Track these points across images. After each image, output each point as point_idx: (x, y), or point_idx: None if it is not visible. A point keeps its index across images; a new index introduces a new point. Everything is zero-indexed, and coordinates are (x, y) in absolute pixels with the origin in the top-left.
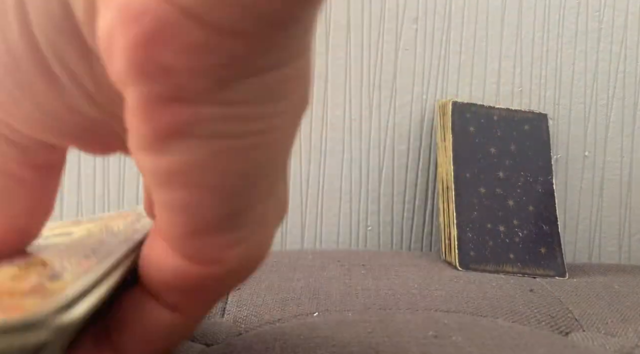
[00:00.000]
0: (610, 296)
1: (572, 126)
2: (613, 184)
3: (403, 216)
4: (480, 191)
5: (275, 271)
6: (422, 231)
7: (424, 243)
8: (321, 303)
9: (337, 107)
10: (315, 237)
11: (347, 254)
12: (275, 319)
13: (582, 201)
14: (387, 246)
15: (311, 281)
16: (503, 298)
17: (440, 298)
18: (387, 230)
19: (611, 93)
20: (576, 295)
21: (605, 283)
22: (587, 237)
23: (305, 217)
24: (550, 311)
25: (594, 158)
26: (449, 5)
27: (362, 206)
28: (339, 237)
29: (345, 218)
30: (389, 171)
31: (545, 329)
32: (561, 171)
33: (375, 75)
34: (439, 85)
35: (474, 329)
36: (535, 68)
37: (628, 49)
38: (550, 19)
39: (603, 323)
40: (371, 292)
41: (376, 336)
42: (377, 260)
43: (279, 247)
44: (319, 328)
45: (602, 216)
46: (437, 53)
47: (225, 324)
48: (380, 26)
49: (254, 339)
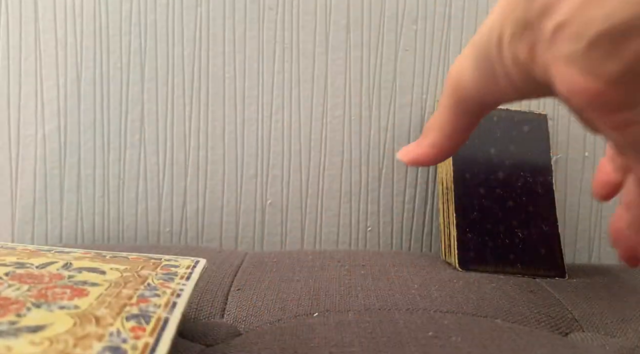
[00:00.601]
0: (610, 297)
1: (572, 126)
2: None
3: (403, 216)
4: (480, 192)
5: (275, 272)
6: (422, 231)
7: (423, 244)
8: (321, 303)
9: (337, 107)
10: (315, 238)
11: (347, 255)
12: (275, 320)
13: (582, 201)
14: (387, 246)
15: (311, 281)
16: (503, 299)
17: (440, 298)
18: (387, 230)
19: None
20: (576, 296)
21: (605, 283)
22: (587, 237)
23: (305, 218)
24: (550, 311)
25: (594, 158)
26: (449, 6)
27: (362, 207)
28: (339, 238)
29: (345, 218)
30: (389, 171)
31: (545, 329)
32: (561, 171)
33: (375, 76)
34: (439, 86)
35: (473, 329)
36: None
37: None
38: None
39: (603, 323)
40: (371, 292)
41: (376, 336)
42: (377, 260)
43: (278, 248)
44: (318, 328)
45: (602, 216)
46: (437, 54)
47: (225, 325)
48: (380, 26)
49: (253, 339)
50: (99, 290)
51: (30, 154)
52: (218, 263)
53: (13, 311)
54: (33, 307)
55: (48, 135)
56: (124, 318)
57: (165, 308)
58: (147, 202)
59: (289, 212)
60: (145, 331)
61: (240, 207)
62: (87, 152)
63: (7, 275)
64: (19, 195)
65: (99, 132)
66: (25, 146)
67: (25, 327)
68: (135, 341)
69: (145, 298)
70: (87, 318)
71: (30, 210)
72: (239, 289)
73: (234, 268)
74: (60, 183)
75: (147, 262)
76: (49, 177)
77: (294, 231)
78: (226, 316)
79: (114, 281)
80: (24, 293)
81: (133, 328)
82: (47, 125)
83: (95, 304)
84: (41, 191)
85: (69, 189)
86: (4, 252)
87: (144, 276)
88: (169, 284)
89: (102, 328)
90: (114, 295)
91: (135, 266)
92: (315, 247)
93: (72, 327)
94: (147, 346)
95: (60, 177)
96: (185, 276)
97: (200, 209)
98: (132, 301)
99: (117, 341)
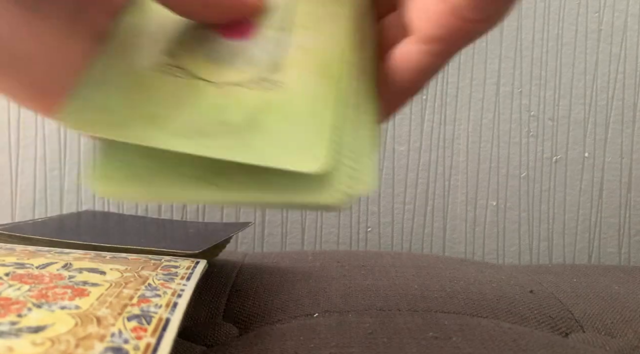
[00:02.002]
0: (610, 297)
1: (572, 127)
2: (613, 185)
3: (403, 216)
4: None
5: (275, 272)
6: (422, 231)
7: (424, 244)
8: (321, 303)
9: None
10: (315, 238)
11: (347, 255)
12: (275, 320)
13: (582, 201)
14: (387, 246)
15: (311, 281)
16: (503, 299)
17: (440, 299)
18: (387, 230)
19: (611, 94)
20: (576, 296)
21: (605, 283)
22: (587, 237)
23: (305, 218)
24: (550, 312)
25: (593, 159)
26: None
27: (362, 207)
28: (339, 238)
29: (345, 219)
30: (388, 171)
31: (545, 330)
32: (561, 171)
33: None
34: (438, 86)
35: (474, 330)
36: (535, 69)
37: (628, 50)
38: (550, 20)
39: (603, 324)
40: (371, 292)
41: (376, 337)
42: (377, 261)
43: (279, 248)
44: (319, 329)
45: (602, 217)
46: None
47: (226, 326)
48: None
49: (254, 340)
50: (100, 290)
51: (30, 155)
52: (218, 264)
53: (14, 312)
54: (34, 307)
55: (48, 135)
56: (125, 318)
57: (167, 308)
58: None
59: (289, 213)
60: (147, 332)
61: (240, 208)
62: (87, 153)
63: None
64: (19, 195)
65: None
66: (25, 147)
67: (26, 327)
68: (136, 341)
69: (146, 298)
70: (88, 318)
71: (30, 210)
72: (239, 290)
73: (234, 268)
74: (60, 183)
75: (147, 262)
76: (49, 177)
77: (294, 231)
78: (226, 317)
79: (114, 282)
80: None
81: (134, 328)
82: (47, 126)
83: (96, 304)
84: (41, 191)
85: (69, 189)
86: (3, 253)
87: (145, 276)
88: (170, 285)
89: (104, 329)
90: (114, 295)
91: (136, 267)
92: (316, 248)
93: (73, 327)
94: (149, 346)
95: (60, 177)
96: (186, 276)
97: (200, 209)
98: (133, 301)
99: (119, 341)
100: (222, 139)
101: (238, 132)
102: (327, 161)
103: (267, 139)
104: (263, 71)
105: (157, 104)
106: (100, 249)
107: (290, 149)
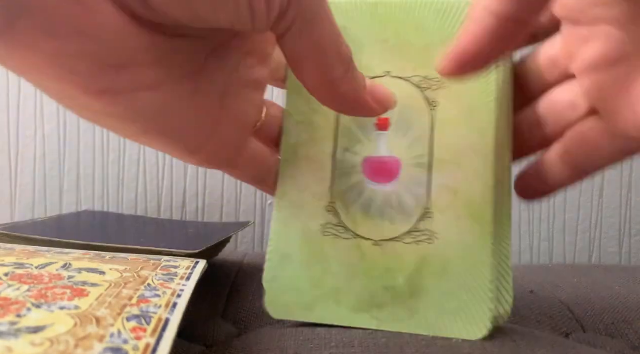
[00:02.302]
0: (611, 297)
1: None
2: (613, 185)
3: None
4: None
5: None
6: None
7: None
8: None
9: None
10: None
11: None
12: (275, 321)
13: (582, 201)
14: None
15: None
16: None
17: None
18: None
19: None
20: (577, 296)
21: (606, 283)
22: (587, 237)
23: None
24: (551, 312)
25: None
26: None
27: None
28: None
29: None
30: None
31: (545, 330)
32: None
33: None
34: None
35: None
36: None
37: None
38: None
39: (604, 324)
40: None
41: (376, 337)
42: None
43: None
44: (319, 329)
45: (602, 217)
46: None
47: (225, 326)
48: None
49: (254, 340)
50: (99, 291)
51: (30, 154)
52: (218, 264)
53: (13, 312)
54: (33, 307)
55: (48, 135)
56: (124, 318)
57: (166, 308)
58: (147, 202)
59: None
60: (146, 332)
61: (240, 208)
62: (87, 153)
63: (7, 275)
64: (19, 195)
65: (99, 133)
66: (24, 146)
67: (25, 328)
68: (136, 341)
69: (146, 298)
70: (87, 318)
71: (30, 210)
72: (239, 290)
73: (234, 268)
74: (59, 183)
75: (147, 263)
76: (49, 177)
77: None
78: (226, 317)
79: (114, 282)
80: (24, 294)
81: (134, 329)
82: (46, 125)
83: (95, 304)
84: (41, 191)
85: (69, 189)
86: (3, 253)
87: (144, 276)
88: (170, 285)
89: (103, 329)
90: (114, 296)
91: (135, 267)
92: None
93: (72, 328)
94: (149, 346)
95: (59, 177)
96: (186, 276)
97: (200, 209)
98: (132, 301)
99: (118, 341)
100: (391, 308)
101: (403, 300)
102: (491, 326)
103: (430, 304)
104: (414, 221)
105: (336, 276)
106: (99, 249)
107: (455, 317)
